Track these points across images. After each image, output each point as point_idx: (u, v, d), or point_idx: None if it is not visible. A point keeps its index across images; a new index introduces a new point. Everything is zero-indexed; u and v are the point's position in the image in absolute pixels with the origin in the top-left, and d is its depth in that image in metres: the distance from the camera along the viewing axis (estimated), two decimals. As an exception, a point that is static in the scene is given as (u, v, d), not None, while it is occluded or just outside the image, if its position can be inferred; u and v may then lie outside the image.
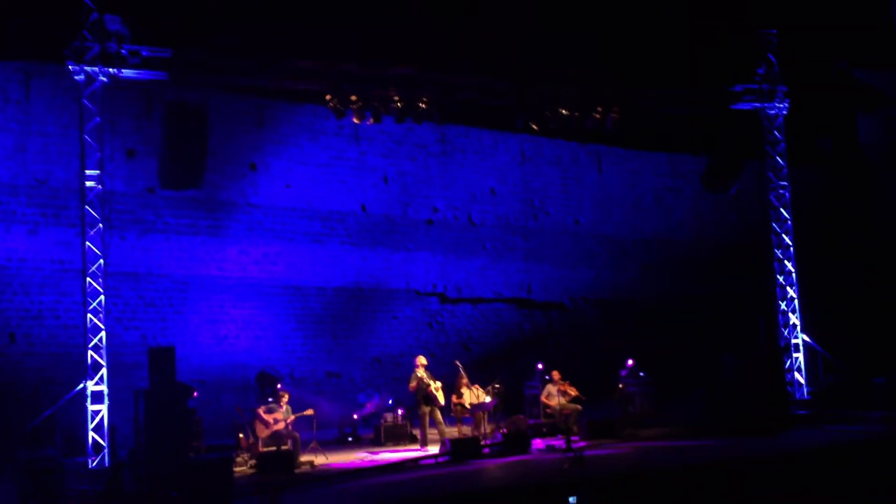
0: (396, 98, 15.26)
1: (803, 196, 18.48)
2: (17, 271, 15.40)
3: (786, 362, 16.87)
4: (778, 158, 17.46)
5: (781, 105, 17.28)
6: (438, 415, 15.04)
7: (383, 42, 16.93)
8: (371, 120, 15.36)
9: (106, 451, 12.70)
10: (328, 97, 15.00)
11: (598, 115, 16.41)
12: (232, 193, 17.48)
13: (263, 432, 13.84)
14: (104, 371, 12.95)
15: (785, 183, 17.42)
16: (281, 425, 13.88)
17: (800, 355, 17.00)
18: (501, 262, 20.57)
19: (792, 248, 17.33)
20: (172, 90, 15.27)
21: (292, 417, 14.05)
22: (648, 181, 22.49)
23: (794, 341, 17.06)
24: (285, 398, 14.27)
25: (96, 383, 12.90)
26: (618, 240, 21.93)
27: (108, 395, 12.92)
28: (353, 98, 15.03)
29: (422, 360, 15.41)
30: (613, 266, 21.80)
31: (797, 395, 16.65)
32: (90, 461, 12.54)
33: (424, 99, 15.38)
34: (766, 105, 17.29)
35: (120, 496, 10.61)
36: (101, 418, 12.80)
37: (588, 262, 21.53)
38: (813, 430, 15.00)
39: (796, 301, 17.20)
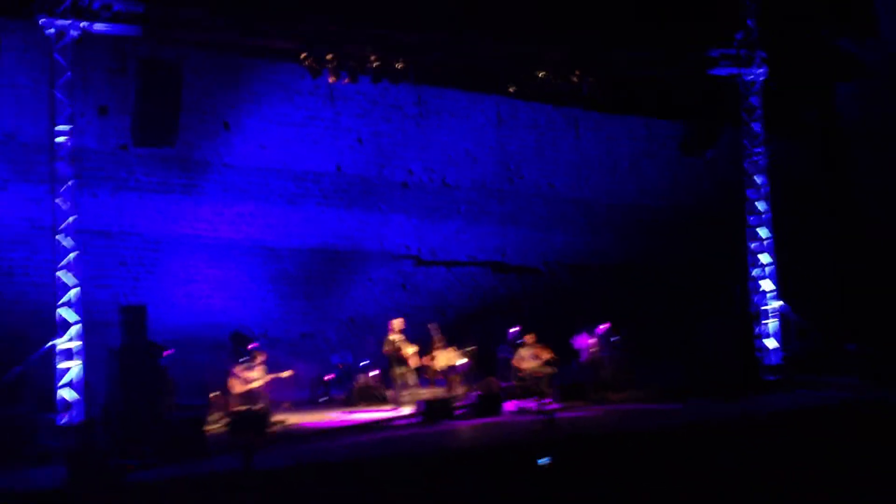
0: (373, 58, 15.13)
1: (780, 164, 18.57)
2: (-13, 228, 15.22)
3: (757, 328, 17.05)
4: (754, 125, 17.48)
5: (759, 70, 17.26)
6: (412, 376, 15.12)
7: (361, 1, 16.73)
8: (347, 79, 15.22)
9: (78, 407, 12.67)
10: (303, 56, 14.84)
11: (575, 79, 16.37)
12: (206, 152, 17.30)
13: (237, 388, 13.85)
14: (75, 328, 12.88)
15: (760, 150, 17.47)
16: (256, 384, 13.89)
17: (772, 321, 17.17)
18: (476, 225, 20.56)
19: (767, 215, 17.43)
20: (146, 46, 15.06)
21: (269, 377, 14.06)
22: (625, 146, 22.49)
23: (764, 308, 17.22)
24: (261, 358, 14.26)
25: (67, 341, 12.83)
26: (593, 204, 21.96)
27: (82, 351, 12.86)
28: (329, 57, 14.88)
29: (397, 323, 15.42)
30: (589, 231, 21.85)
31: (769, 361, 16.84)
32: (59, 418, 12.51)
33: (401, 59, 15.26)
34: (743, 70, 17.26)
35: (93, 452, 10.59)
36: (72, 375, 12.75)
37: (563, 227, 21.56)
38: (783, 394, 15.22)
39: (770, 268, 17.34)
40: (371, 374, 16.02)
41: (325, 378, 16.43)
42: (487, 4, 18.36)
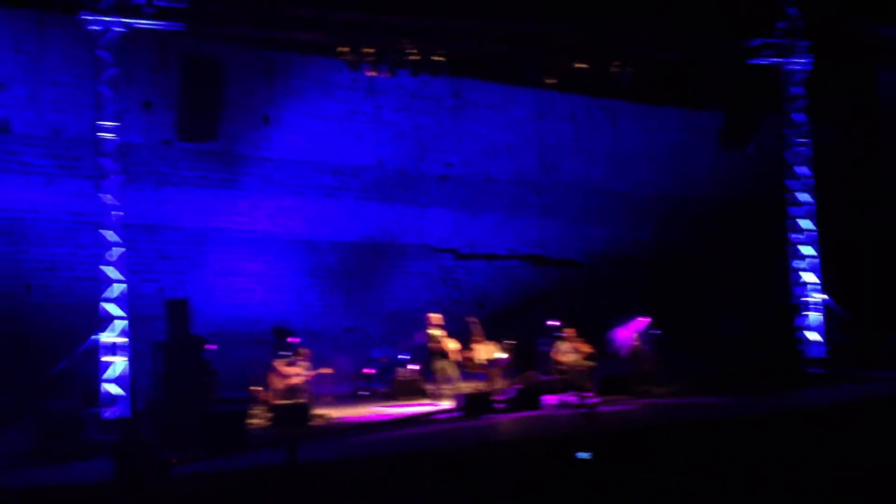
0: (411, 50, 15.13)
1: (821, 154, 18.30)
2: (33, 223, 15.41)
3: (799, 321, 16.84)
4: (796, 115, 17.26)
5: (802, 60, 17.03)
6: (452, 370, 15.13)
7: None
8: (386, 73, 15.26)
9: (124, 401, 12.84)
10: (343, 49, 14.89)
11: (614, 69, 16.25)
12: (246, 147, 17.41)
13: (279, 384, 13.96)
14: (119, 323, 13.05)
15: (804, 140, 17.24)
16: (299, 380, 13.99)
17: (813, 314, 16.94)
18: (516, 218, 20.51)
19: (809, 207, 17.20)
20: (188, 42, 15.18)
21: (311, 374, 14.15)
22: (664, 137, 22.30)
23: (806, 300, 17.00)
24: (305, 354, 14.36)
25: (116, 335, 13.00)
26: (633, 196, 21.81)
27: (128, 346, 13.03)
28: (368, 50, 14.92)
29: (435, 317, 15.43)
30: (628, 223, 21.71)
31: (811, 354, 16.64)
32: (104, 411, 12.68)
33: (439, 52, 15.25)
34: (784, 60, 17.05)
35: (138, 446, 10.73)
36: (117, 370, 12.93)
37: (603, 219, 21.44)
38: (825, 388, 15.01)
39: (813, 260, 17.11)
40: (412, 367, 16.07)
41: (366, 372, 16.51)
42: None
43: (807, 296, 17.01)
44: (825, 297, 16.95)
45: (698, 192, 22.29)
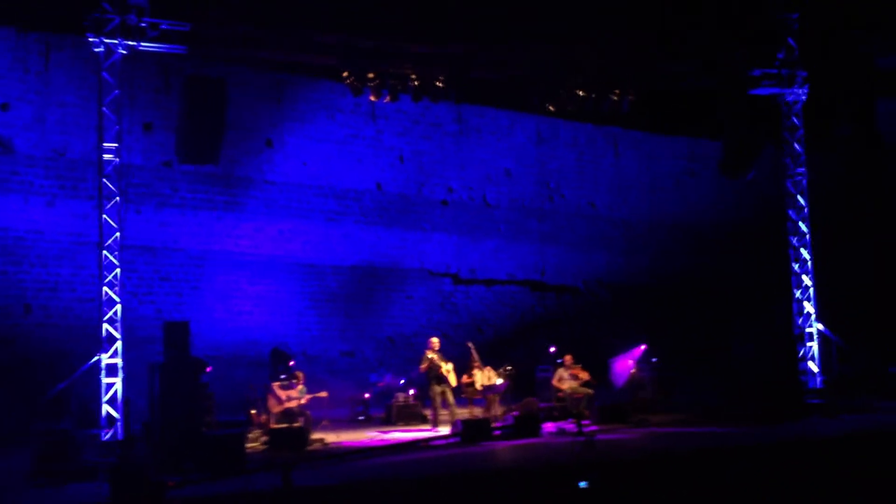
0: (413, 76, 15.20)
1: (819, 182, 18.34)
2: (34, 243, 15.47)
3: (800, 351, 16.79)
4: (796, 145, 17.29)
5: (801, 90, 17.08)
6: (450, 396, 15.04)
7: (401, 18, 16.80)
8: (388, 98, 15.30)
9: (120, 423, 12.77)
10: (345, 74, 14.94)
11: (615, 98, 16.30)
12: (248, 169, 17.48)
13: (276, 408, 13.89)
14: (119, 344, 13.01)
15: (802, 170, 17.26)
16: (294, 403, 13.93)
17: (814, 344, 16.90)
18: (516, 244, 20.54)
19: (808, 236, 17.21)
20: (190, 64, 15.25)
21: (307, 398, 14.09)
22: (665, 165, 22.40)
23: (808, 330, 16.97)
24: (301, 378, 14.32)
25: (111, 356, 12.95)
26: (633, 223, 21.85)
27: (123, 368, 12.99)
28: (371, 76, 14.97)
29: (434, 341, 15.37)
30: (628, 250, 21.74)
31: (811, 384, 16.58)
32: (103, 433, 12.62)
33: (441, 77, 15.32)
34: (785, 91, 17.11)
35: (134, 467, 10.67)
36: (115, 391, 12.87)
37: (603, 246, 21.47)
38: (826, 419, 14.93)
39: (811, 289, 17.10)
40: (409, 392, 16.01)
41: (364, 396, 16.44)
42: (527, 18, 18.38)
43: (808, 325, 16.98)
44: (820, 326, 16.92)
45: (698, 219, 22.34)
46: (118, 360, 12.96)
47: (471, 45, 15.65)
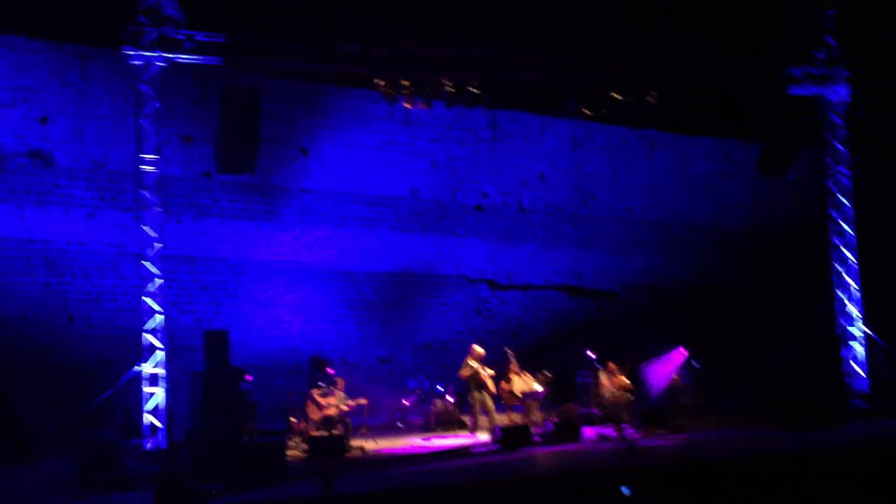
0: (447, 82, 15.21)
1: (860, 182, 18.06)
2: (77, 255, 15.65)
3: (843, 354, 16.53)
4: (838, 145, 17.08)
5: (843, 90, 16.87)
6: (490, 402, 14.99)
7: (432, 24, 16.82)
8: (422, 104, 15.32)
9: (162, 432, 12.88)
10: (379, 82, 14.99)
11: (651, 100, 16.20)
12: (284, 178, 17.57)
13: (315, 415, 13.94)
14: (160, 353, 13.13)
15: (845, 170, 17.04)
16: (334, 410, 13.97)
17: (858, 346, 16.65)
18: (552, 248, 20.44)
19: (852, 236, 16.97)
20: (226, 75, 15.38)
21: (347, 404, 14.12)
22: (701, 167, 22.18)
23: (851, 330, 16.72)
24: (340, 384, 14.36)
25: (153, 366, 13.08)
26: (670, 226, 21.67)
27: (165, 377, 13.10)
28: (404, 83, 15.01)
29: (477, 348, 15.31)
30: (665, 253, 21.55)
31: (856, 388, 16.32)
32: (146, 442, 12.74)
33: (475, 83, 15.32)
34: (825, 90, 16.90)
35: (177, 476, 10.75)
36: (157, 401, 12.98)
37: (640, 250, 21.31)
38: (872, 423, 14.68)
39: (855, 290, 16.85)
40: (448, 399, 15.98)
41: (403, 403, 16.45)
42: (559, 21, 18.33)
43: (851, 327, 16.74)
44: (867, 329, 16.65)
45: (736, 222, 22.10)
46: (160, 370, 13.09)
47: (504, 49, 15.65)
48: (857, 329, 16.75)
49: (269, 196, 17.36)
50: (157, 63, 13.44)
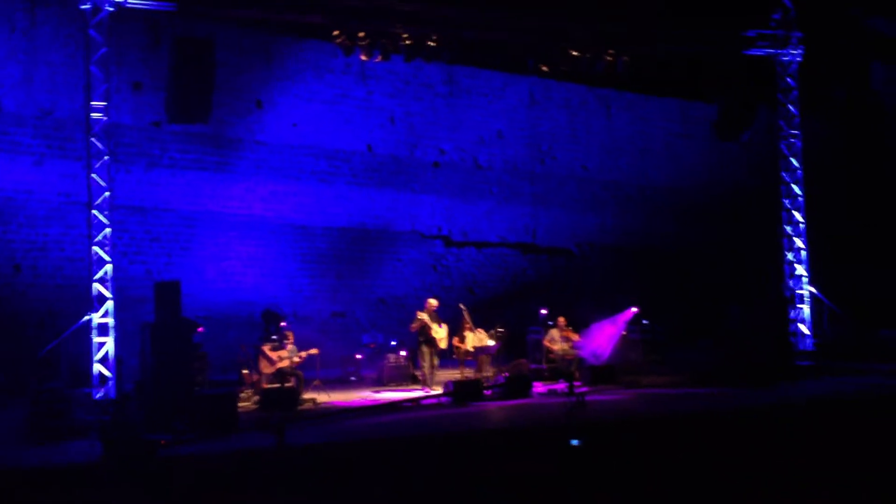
0: (405, 36, 15.05)
1: (814, 145, 18.29)
2: (23, 203, 15.36)
3: (791, 313, 16.85)
4: (790, 107, 17.25)
5: (795, 52, 17.01)
6: (435, 359, 15.03)
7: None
8: (379, 57, 15.15)
9: (112, 382, 12.79)
10: (336, 33, 14.80)
11: (609, 58, 16.18)
12: (238, 130, 17.35)
13: (268, 369, 13.91)
14: (109, 304, 12.98)
15: (796, 132, 17.24)
16: (286, 363, 13.95)
17: (805, 306, 16.97)
18: (507, 206, 20.48)
19: (801, 199, 17.21)
20: (180, 23, 15.08)
21: (298, 356, 14.10)
22: (658, 127, 22.29)
23: (799, 292, 17.03)
24: (291, 337, 14.32)
25: (102, 316, 12.94)
26: (625, 186, 21.80)
27: (115, 327, 12.97)
28: (361, 35, 14.83)
29: (432, 302, 15.33)
30: (621, 213, 21.71)
31: (802, 347, 16.65)
32: (95, 392, 12.63)
33: (434, 37, 15.17)
34: (779, 52, 17.02)
35: (126, 427, 10.69)
36: (107, 351, 12.87)
37: (595, 209, 21.43)
38: (816, 381, 15.02)
39: (804, 252, 17.14)
40: (401, 353, 16.03)
41: (356, 357, 16.47)
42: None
43: (800, 288, 17.04)
44: (812, 289, 16.96)
45: (691, 182, 22.29)
46: (109, 320, 12.96)
47: (464, 5, 15.50)
48: (805, 289, 17.04)
49: (223, 147, 17.14)
50: (107, 7, 13.13)
